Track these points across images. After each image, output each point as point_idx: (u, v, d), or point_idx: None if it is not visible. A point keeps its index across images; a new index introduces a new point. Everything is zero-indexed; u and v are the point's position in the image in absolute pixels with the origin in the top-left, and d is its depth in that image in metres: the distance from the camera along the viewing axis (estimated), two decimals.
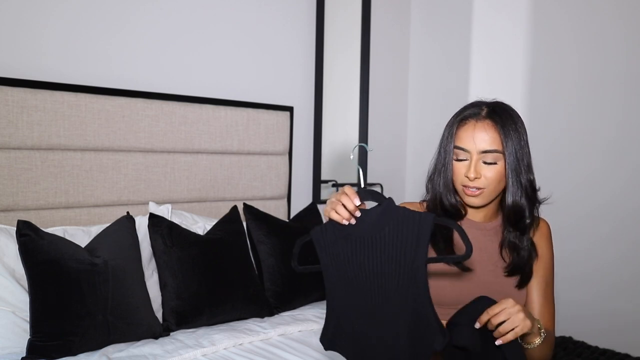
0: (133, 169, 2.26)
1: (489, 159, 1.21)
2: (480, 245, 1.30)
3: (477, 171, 1.21)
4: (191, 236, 2.12)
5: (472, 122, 1.24)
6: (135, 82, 2.33)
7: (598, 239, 2.66)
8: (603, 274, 2.64)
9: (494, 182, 1.22)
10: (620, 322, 2.56)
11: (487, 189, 1.23)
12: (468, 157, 1.23)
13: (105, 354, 1.70)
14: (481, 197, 1.24)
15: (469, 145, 1.22)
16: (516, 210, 1.25)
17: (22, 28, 2.04)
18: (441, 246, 1.27)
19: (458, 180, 1.25)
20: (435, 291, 1.27)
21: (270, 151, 2.72)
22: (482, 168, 1.22)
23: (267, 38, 2.79)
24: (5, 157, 1.94)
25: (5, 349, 1.67)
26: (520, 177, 1.23)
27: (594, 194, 2.68)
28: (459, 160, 1.24)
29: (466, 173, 1.22)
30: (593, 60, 2.68)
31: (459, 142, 1.24)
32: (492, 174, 1.22)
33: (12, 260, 1.80)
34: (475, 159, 1.22)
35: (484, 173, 1.22)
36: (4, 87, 1.93)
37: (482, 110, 1.25)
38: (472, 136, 1.22)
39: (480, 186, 1.22)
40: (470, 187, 1.22)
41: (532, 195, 1.26)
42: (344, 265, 1.10)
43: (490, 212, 1.31)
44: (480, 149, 1.21)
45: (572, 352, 2.31)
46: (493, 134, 1.21)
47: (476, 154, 1.22)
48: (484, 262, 1.28)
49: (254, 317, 2.15)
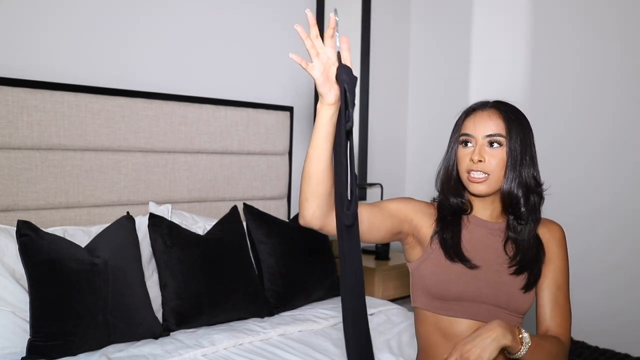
0: (133, 169, 2.26)
1: (493, 142, 1.25)
2: (487, 243, 1.30)
3: (481, 154, 1.24)
4: (191, 236, 2.12)
5: (478, 111, 1.30)
6: (135, 82, 2.33)
7: (598, 240, 2.66)
8: (603, 274, 2.64)
9: (497, 168, 1.25)
10: (620, 323, 2.56)
11: (492, 175, 1.25)
12: (473, 141, 1.27)
13: (105, 354, 1.70)
14: (486, 184, 1.25)
15: (474, 130, 1.27)
16: (511, 197, 1.27)
17: (22, 28, 2.04)
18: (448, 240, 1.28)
19: (463, 168, 1.28)
20: (440, 286, 1.27)
21: (270, 151, 2.71)
22: (486, 152, 1.25)
23: (267, 38, 2.79)
24: (5, 157, 1.94)
25: (5, 349, 1.67)
26: (520, 168, 1.25)
27: (593, 194, 2.68)
28: (464, 146, 1.28)
29: (471, 156, 1.25)
30: (593, 59, 2.68)
31: (464, 130, 1.29)
32: (496, 159, 1.24)
33: (12, 260, 1.80)
34: (480, 143, 1.26)
35: (488, 157, 1.25)
36: (4, 87, 1.93)
37: (488, 102, 1.32)
38: (477, 122, 1.27)
39: (486, 171, 1.24)
40: (475, 170, 1.24)
41: (534, 188, 1.28)
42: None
43: (497, 210, 1.32)
44: (484, 133, 1.26)
45: (572, 352, 2.31)
46: (497, 120, 1.26)
47: (480, 138, 1.26)
48: (489, 261, 1.28)
49: (254, 317, 2.15)
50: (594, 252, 2.66)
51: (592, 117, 2.68)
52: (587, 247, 2.66)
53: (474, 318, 1.27)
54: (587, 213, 2.68)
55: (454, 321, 1.29)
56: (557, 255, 1.31)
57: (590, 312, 2.65)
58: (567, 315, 1.30)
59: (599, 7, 2.65)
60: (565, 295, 1.31)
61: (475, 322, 1.27)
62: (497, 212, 1.32)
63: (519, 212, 1.28)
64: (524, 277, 1.28)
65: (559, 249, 1.32)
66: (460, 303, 1.27)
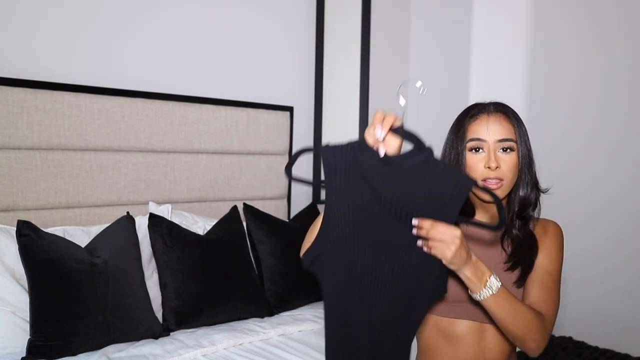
0: (133, 169, 2.26)
1: (505, 147, 1.23)
2: (485, 243, 1.30)
3: (497, 160, 1.23)
4: (191, 236, 2.12)
5: (484, 115, 1.26)
6: (135, 82, 2.33)
7: (599, 241, 2.66)
8: (604, 275, 2.64)
9: (511, 172, 1.24)
10: (620, 323, 2.56)
11: (505, 180, 1.24)
12: (485, 147, 1.24)
13: (105, 354, 1.70)
14: (501, 189, 1.24)
15: (485, 135, 1.24)
16: (525, 202, 1.26)
17: (23, 28, 2.04)
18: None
19: (477, 175, 1.25)
20: None
21: (270, 151, 2.72)
22: (499, 158, 1.24)
23: (267, 38, 2.79)
24: (5, 157, 1.94)
25: (5, 349, 1.67)
26: (531, 170, 1.26)
27: (595, 196, 2.67)
28: (475, 152, 1.25)
29: (487, 164, 1.23)
30: (594, 58, 2.68)
31: (474, 135, 1.25)
32: (509, 164, 1.23)
33: (12, 260, 1.80)
34: (492, 149, 1.24)
35: (501, 163, 1.23)
36: (4, 87, 1.93)
37: (489, 106, 1.28)
38: (487, 127, 1.24)
39: (501, 177, 1.23)
40: (492, 178, 1.23)
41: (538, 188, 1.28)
42: (352, 201, 1.03)
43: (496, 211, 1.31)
44: (496, 138, 1.23)
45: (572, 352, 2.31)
46: (507, 125, 1.24)
47: (493, 143, 1.24)
48: (487, 260, 1.28)
49: (254, 317, 2.15)
50: (595, 253, 2.66)
51: (592, 117, 2.68)
52: (588, 249, 2.66)
53: (473, 319, 1.27)
54: (589, 215, 2.67)
55: (453, 322, 1.29)
56: (548, 245, 1.30)
57: (590, 312, 2.65)
58: (553, 296, 1.26)
59: (599, 6, 2.65)
60: (554, 281, 1.28)
61: (475, 322, 1.27)
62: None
63: (528, 214, 1.27)
64: (517, 271, 1.27)
65: (550, 241, 1.31)
66: (460, 305, 1.27)
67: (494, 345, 1.28)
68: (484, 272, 1.11)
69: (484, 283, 1.11)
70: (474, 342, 1.27)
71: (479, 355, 1.28)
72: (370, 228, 1.04)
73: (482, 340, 1.28)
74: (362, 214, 1.04)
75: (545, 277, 1.27)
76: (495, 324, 1.25)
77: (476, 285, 1.11)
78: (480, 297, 1.12)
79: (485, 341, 1.28)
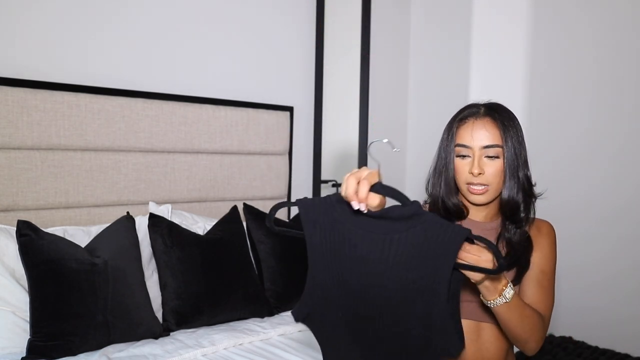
0: (133, 169, 2.26)
1: (490, 154, 1.24)
2: None
3: (481, 166, 1.23)
4: (191, 236, 2.12)
5: (471, 120, 1.27)
6: (135, 82, 2.33)
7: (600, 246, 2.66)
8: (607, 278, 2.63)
9: (496, 178, 1.24)
10: (620, 323, 2.56)
11: (491, 186, 1.25)
12: (470, 153, 1.25)
13: (105, 354, 1.70)
14: (486, 194, 1.25)
15: (470, 141, 1.25)
16: (511, 205, 1.26)
17: (22, 28, 2.04)
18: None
19: (462, 179, 1.27)
20: None
21: (270, 151, 2.72)
22: (485, 164, 1.24)
23: (267, 38, 2.79)
24: (5, 157, 1.94)
25: (5, 349, 1.67)
26: (518, 172, 1.25)
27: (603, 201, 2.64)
28: (462, 158, 1.27)
29: (470, 169, 1.24)
30: (594, 58, 2.67)
31: (460, 140, 1.26)
32: (494, 170, 1.24)
33: (12, 260, 1.80)
34: (477, 155, 1.24)
35: (487, 169, 1.24)
36: (4, 87, 1.93)
37: (480, 109, 1.29)
38: (473, 133, 1.25)
39: (485, 183, 1.24)
40: (475, 183, 1.24)
41: (528, 189, 1.28)
42: (336, 256, 1.02)
43: (492, 211, 1.32)
44: (481, 145, 1.24)
45: (572, 352, 2.32)
46: (493, 130, 1.24)
47: (478, 149, 1.24)
48: None
49: (254, 317, 2.15)
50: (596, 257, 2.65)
51: (592, 117, 2.68)
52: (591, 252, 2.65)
53: (470, 318, 1.28)
54: (595, 219, 2.64)
55: None
56: (542, 245, 1.31)
57: (591, 312, 2.65)
58: (549, 295, 1.28)
59: (599, 5, 2.65)
60: (549, 280, 1.29)
61: (472, 321, 1.28)
62: (492, 213, 1.32)
63: (518, 217, 1.28)
64: (513, 271, 1.28)
65: (544, 240, 1.32)
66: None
67: (491, 343, 1.29)
68: (501, 280, 1.12)
69: (499, 292, 1.12)
70: (471, 340, 1.28)
71: (477, 353, 1.29)
72: (360, 282, 1.01)
73: (480, 339, 1.29)
74: (348, 272, 1.02)
75: (541, 275, 1.29)
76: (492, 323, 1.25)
77: (492, 293, 1.12)
78: (493, 304, 1.13)
79: (482, 339, 1.29)
